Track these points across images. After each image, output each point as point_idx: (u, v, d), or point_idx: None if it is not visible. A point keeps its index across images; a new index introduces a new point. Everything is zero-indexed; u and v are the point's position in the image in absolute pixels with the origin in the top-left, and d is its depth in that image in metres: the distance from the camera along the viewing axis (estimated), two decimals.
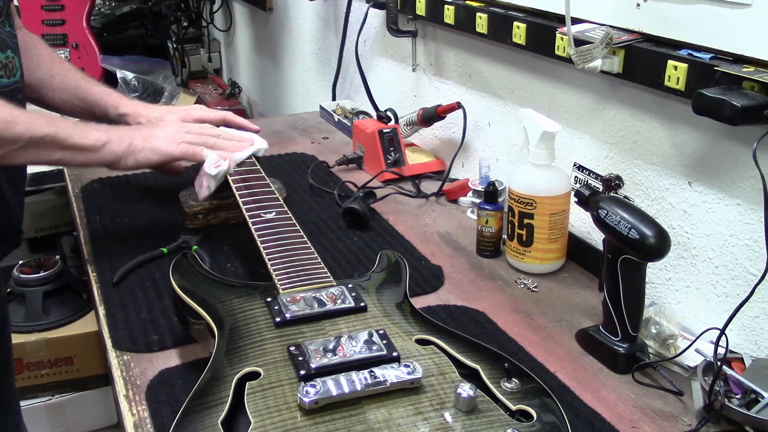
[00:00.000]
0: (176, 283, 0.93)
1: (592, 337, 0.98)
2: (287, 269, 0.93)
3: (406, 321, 0.88)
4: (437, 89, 1.63)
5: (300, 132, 1.88)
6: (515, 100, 1.37)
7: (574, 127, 1.22)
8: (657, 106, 1.05)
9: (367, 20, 1.84)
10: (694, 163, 1.01)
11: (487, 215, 1.21)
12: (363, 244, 1.25)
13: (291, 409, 0.72)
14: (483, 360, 0.81)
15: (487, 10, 1.34)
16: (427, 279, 1.15)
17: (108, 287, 1.11)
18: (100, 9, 3.53)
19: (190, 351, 0.97)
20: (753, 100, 0.84)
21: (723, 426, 0.84)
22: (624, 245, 0.91)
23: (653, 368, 0.93)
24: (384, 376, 0.74)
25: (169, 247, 1.20)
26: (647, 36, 1.03)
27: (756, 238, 0.93)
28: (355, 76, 1.95)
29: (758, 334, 0.95)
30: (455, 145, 1.53)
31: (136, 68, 3.20)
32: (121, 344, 0.98)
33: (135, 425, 0.84)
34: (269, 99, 2.97)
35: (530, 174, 1.14)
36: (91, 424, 2.05)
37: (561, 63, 1.20)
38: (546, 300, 1.11)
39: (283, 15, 2.58)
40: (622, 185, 1.13)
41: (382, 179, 1.53)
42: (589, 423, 0.84)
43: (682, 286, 1.06)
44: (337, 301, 0.87)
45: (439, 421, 0.71)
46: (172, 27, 3.47)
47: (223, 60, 3.63)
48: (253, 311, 0.87)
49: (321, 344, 0.79)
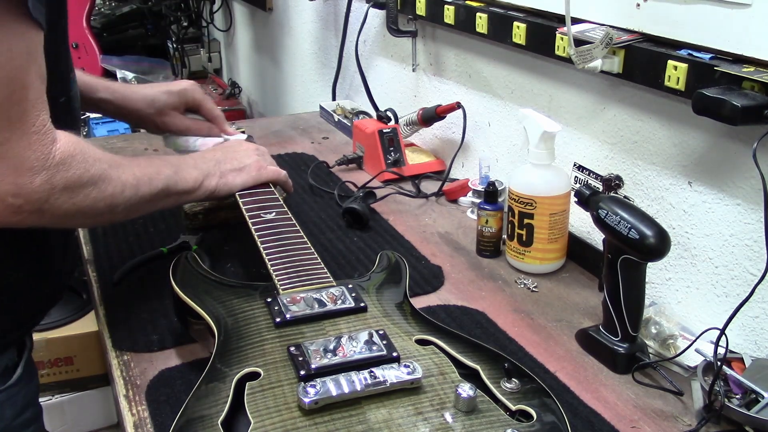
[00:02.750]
0: (176, 284, 0.93)
1: (592, 337, 0.98)
2: (287, 269, 0.93)
3: (406, 321, 0.88)
4: (437, 89, 1.63)
5: (300, 132, 1.88)
6: (515, 100, 1.37)
7: (574, 127, 1.22)
8: (657, 106, 1.05)
9: (367, 20, 1.84)
10: (694, 163, 1.01)
11: (487, 215, 1.21)
12: (363, 244, 1.25)
13: (291, 409, 0.72)
14: (483, 360, 0.81)
15: (487, 10, 1.34)
16: (427, 279, 1.15)
17: (108, 287, 1.11)
18: (100, 9, 3.54)
19: (190, 351, 0.96)
20: (753, 100, 0.84)
21: (723, 426, 0.84)
22: (624, 245, 0.91)
23: (653, 368, 0.93)
24: (384, 377, 0.74)
25: (169, 247, 1.20)
26: (647, 36, 1.03)
27: (756, 238, 0.93)
28: (355, 76, 1.95)
29: (758, 334, 0.95)
30: (455, 145, 1.53)
31: (136, 68, 3.20)
32: (121, 344, 0.99)
33: (135, 425, 0.84)
34: (269, 99, 2.97)
35: (530, 174, 1.14)
36: (91, 424, 2.05)
37: (561, 63, 1.20)
38: (546, 300, 1.11)
39: (283, 15, 2.58)
40: (622, 185, 1.13)
41: (382, 179, 1.53)
42: (589, 423, 0.84)
43: (682, 286, 1.06)
44: (337, 302, 0.87)
45: (439, 421, 0.71)
46: (172, 27, 3.47)
47: (223, 60, 3.63)
48: (253, 311, 0.87)
49: (321, 344, 0.79)
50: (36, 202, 0.76)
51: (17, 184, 0.74)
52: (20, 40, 0.71)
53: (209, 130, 1.24)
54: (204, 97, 1.25)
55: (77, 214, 0.81)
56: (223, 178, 1.06)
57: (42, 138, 0.75)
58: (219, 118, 1.25)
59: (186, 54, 3.50)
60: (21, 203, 0.75)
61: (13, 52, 0.71)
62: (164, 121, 1.20)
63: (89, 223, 0.95)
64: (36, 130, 0.74)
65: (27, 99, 0.73)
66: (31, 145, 0.74)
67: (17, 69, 0.72)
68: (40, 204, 0.76)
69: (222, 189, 1.06)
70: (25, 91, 0.73)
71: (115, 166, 0.86)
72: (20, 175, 0.74)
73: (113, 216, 0.89)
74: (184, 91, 1.22)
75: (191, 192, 1.01)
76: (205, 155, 1.09)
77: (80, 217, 0.83)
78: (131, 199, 0.89)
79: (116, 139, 1.81)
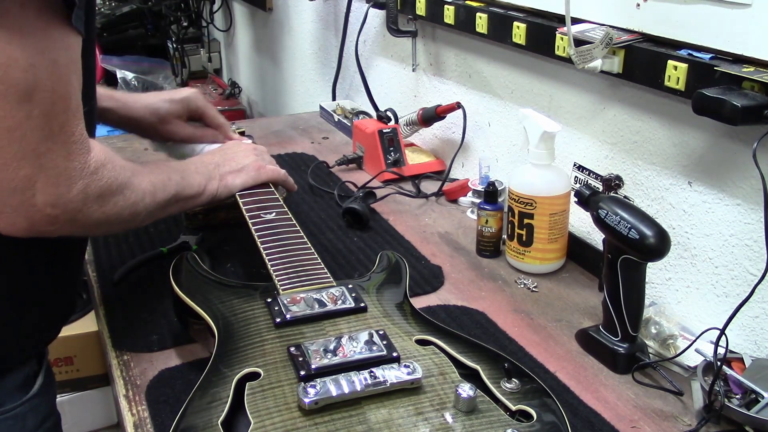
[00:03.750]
0: (176, 284, 0.93)
1: (592, 337, 0.98)
2: (287, 270, 0.93)
3: (406, 321, 0.88)
4: (437, 89, 1.63)
5: (300, 132, 1.88)
6: (515, 100, 1.37)
7: (574, 127, 1.22)
8: (657, 106, 1.05)
9: (367, 20, 1.84)
10: (694, 163, 1.01)
11: (487, 215, 1.21)
12: (363, 244, 1.25)
13: (291, 409, 0.71)
14: (483, 360, 0.81)
15: (487, 10, 1.34)
16: (427, 279, 1.15)
17: (108, 287, 1.11)
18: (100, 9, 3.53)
19: (190, 351, 0.97)
20: (753, 100, 0.83)
21: (723, 426, 0.84)
22: (624, 245, 0.91)
23: (653, 368, 0.93)
24: (384, 377, 0.74)
25: (169, 247, 1.20)
26: (647, 36, 1.03)
27: (756, 238, 0.93)
28: (355, 76, 1.95)
29: (758, 334, 0.95)
30: (455, 145, 1.53)
31: (136, 68, 3.20)
32: (121, 344, 0.99)
33: (135, 425, 0.84)
34: (269, 99, 2.97)
35: (530, 174, 1.14)
36: (91, 424, 2.05)
37: (561, 63, 1.20)
38: (546, 300, 1.11)
39: (283, 15, 2.58)
40: (622, 185, 1.13)
41: (382, 179, 1.53)
42: (589, 423, 0.84)
43: (682, 286, 1.06)
44: (338, 302, 0.87)
45: (440, 421, 0.71)
46: (172, 27, 3.47)
47: (223, 60, 3.63)
48: (253, 312, 0.87)
49: (321, 345, 0.79)
50: (72, 212, 0.76)
51: (56, 194, 0.74)
52: (64, 51, 0.71)
53: (214, 137, 1.23)
54: (207, 104, 1.24)
55: (105, 222, 0.82)
56: (223, 180, 1.06)
57: (80, 147, 0.75)
58: (224, 126, 1.24)
59: (186, 54, 3.50)
60: (58, 213, 0.75)
61: (58, 63, 0.71)
62: (167, 129, 1.20)
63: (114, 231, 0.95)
64: (75, 140, 0.74)
65: (69, 109, 0.73)
66: (70, 155, 0.74)
67: (60, 79, 0.71)
68: (75, 213, 0.76)
69: (222, 191, 1.06)
70: (67, 101, 0.72)
71: (136, 173, 0.87)
72: (59, 185, 0.74)
73: (134, 224, 0.89)
74: (187, 99, 1.21)
75: (197, 197, 1.01)
76: (204, 159, 1.08)
77: (107, 225, 0.83)
78: (150, 206, 0.89)
79: (116, 138, 1.81)
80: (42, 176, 0.72)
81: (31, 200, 0.72)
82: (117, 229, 0.87)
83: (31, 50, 0.68)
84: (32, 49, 0.68)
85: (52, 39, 0.70)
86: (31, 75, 0.69)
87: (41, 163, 0.72)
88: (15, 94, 0.68)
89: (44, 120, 0.71)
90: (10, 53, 0.67)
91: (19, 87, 0.68)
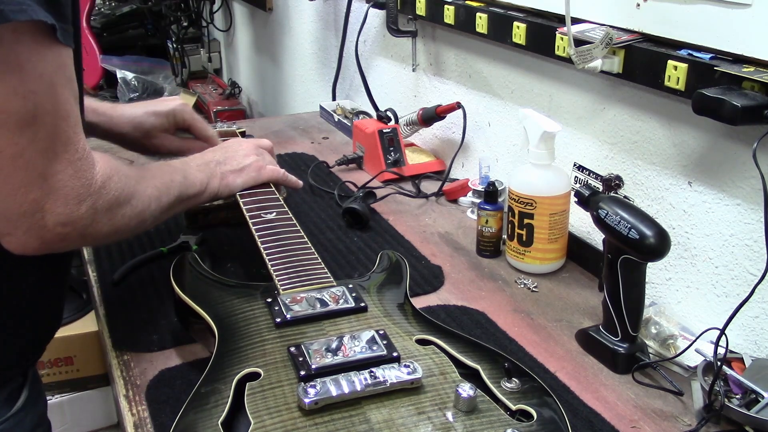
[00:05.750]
0: (176, 284, 0.93)
1: (592, 337, 0.98)
2: (287, 270, 0.93)
3: (407, 321, 0.88)
4: (437, 89, 1.63)
5: (300, 132, 1.88)
6: (515, 100, 1.37)
7: (574, 127, 1.22)
8: (657, 106, 1.05)
9: (367, 20, 1.84)
10: (694, 163, 1.01)
11: (487, 215, 1.21)
12: (363, 244, 1.25)
13: (291, 409, 0.72)
14: (483, 360, 0.81)
15: (487, 10, 1.34)
16: (427, 279, 1.15)
17: (108, 287, 1.11)
18: (100, 9, 3.54)
19: (190, 351, 0.97)
20: (753, 100, 0.84)
21: (723, 426, 0.84)
22: (624, 245, 0.91)
23: (653, 368, 0.93)
24: (384, 377, 0.74)
25: (169, 247, 1.20)
26: (647, 36, 1.03)
27: (756, 238, 0.93)
28: (355, 76, 1.95)
29: (758, 334, 0.95)
30: (455, 145, 1.53)
31: (136, 68, 3.20)
32: (121, 344, 0.99)
33: (135, 425, 0.84)
34: (269, 99, 2.97)
35: (530, 174, 1.14)
36: (91, 424, 2.05)
37: (561, 63, 1.20)
38: (546, 300, 1.11)
39: (283, 15, 2.58)
40: (622, 185, 1.13)
41: (382, 179, 1.53)
42: (589, 423, 0.84)
43: (682, 286, 1.06)
44: (338, 302, 0.87)
45: (440, 421, 0.71)
46: (172, 27, 3.47)
47: (223, 60, 3.63)
48: (254, 312, 0.87)
49: (321, 345, 0.79)
50: (81, 228, 0.76)
51: (65, 213, 0.74)
52: (61, 71, 0.71)
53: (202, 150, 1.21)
54: (194, 116, 1.22)
55: (114, 233, 0.82)
56: (224, 179, 1.06)
57: (85, 164, 0.75)
58: (212, 138, 1.22)
59: (186, 54, 3.50)
60: (69, 231, 0.74)
61: (56, 84, 0.70)
62: (153, 143, 1.17)
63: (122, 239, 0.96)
64: (79, 157, 0.74)
65: (69, 127, 0.72)
66: (77, 173, 0.74)
67: (59, 100, 0.71)
68: (85, 229, 0.76)
69: (223, 191, 1.05)
70: (67, 120, 0.72)
71: (140, 181, 0.86)
72: (68, 204, 0.73)
73: (141, 230, 0.89)
74: (173, 112, 1.18)
75: (198, 195, 1.01)
76: (205, 156, 1.08)
77: (116, 235, 0.83)
78: (155, 211, 0.89)
79: None
80: (50, 198, 0.72)
81: (41, 222, 0.72)
82: (125, 237, 0.87)
83: (28, 77, 0.68)
84: (30, 76, 0.68)
85: (47, 61, 0.69)
86: (30, 102, 0.68)
87: (49, 185, 0.72)
88: (17, 123, 0.68)
89: (48, 143, 0.71)
90: (8, 82, 0.67)
91: (20, 115, 0.68)
